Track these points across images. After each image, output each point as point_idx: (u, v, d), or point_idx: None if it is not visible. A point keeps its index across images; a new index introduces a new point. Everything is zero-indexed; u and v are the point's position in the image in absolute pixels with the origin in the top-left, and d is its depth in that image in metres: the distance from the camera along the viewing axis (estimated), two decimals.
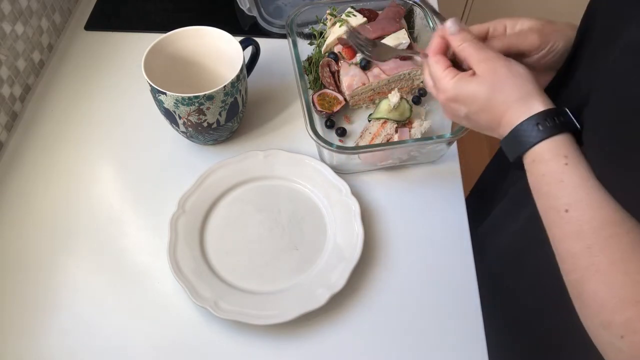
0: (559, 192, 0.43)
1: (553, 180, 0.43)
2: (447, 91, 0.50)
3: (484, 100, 0.48)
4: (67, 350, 0.57)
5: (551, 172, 0.43)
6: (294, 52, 0.73)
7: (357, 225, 0.63)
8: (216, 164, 0.68)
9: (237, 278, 0.61)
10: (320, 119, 0.74)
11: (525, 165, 0.46)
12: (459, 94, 0.49)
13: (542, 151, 0.44)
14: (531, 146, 0.45)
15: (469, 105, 0.49)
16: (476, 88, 0.48)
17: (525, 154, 0.45)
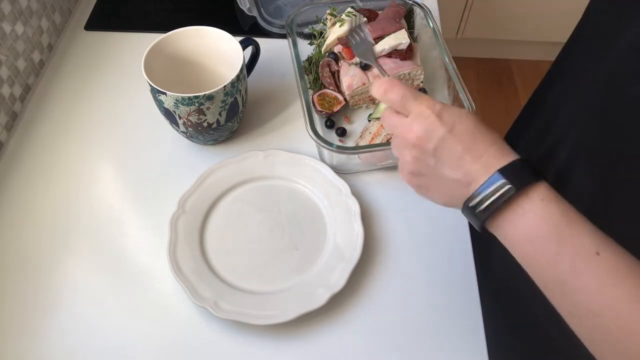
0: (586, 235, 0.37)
1: None
2: (435, 105, 0.43)
3: (473, 123, 0.42)
4: (67, 350, 0.57)
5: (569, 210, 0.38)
6: (294, 52, 0.73)
7: (357, 225, 0.63)
8: (216, 164, 0.68)
9: (237, 278, 0.61)
10: (320, 119, 0.74)
11: None
12: (447, 110, 0.43)
13: (545, 188, 0.39)
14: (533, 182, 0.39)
15: (454, 122, 0.42)
16: (465, 111, 0.43)
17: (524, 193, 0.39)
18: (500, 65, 2.14)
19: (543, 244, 0.37)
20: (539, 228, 0.38)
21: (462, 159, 0.41)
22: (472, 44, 2.07)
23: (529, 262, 0.39)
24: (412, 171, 0.45)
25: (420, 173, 0.45)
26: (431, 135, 0.42)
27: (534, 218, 0.38)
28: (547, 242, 0.37)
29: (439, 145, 0.42)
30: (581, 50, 0.58)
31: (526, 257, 0.39)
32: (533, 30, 1.90)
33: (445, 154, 0.42)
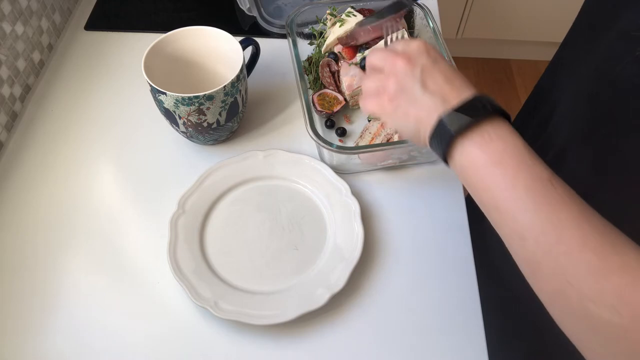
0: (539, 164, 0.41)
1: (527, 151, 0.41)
2: (422, 42, 0.48)
3: (452, 66, 0.47)
4: (67, 350, 0.57)
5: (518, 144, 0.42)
6: (294, 52, 0.73)
7: (357, 226, 0.63)
8: (216, 164, 0.68)
9: (237, 278, 0.61)
10: (320, 119, 0.74)
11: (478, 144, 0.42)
12: (432, 48, 0.48)
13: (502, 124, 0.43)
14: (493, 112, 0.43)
15: (437, 58, 0.47)
16: None
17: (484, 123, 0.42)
18: (500, 65, 2.14)
19: (506, 167, 0.40)
20: (505, 152, 0.40)
21: (442, 87, 0.45)
22: (472, 44, 2.07)
23: (487, 185, 0.41)
24: (393, 94, 0.48)
25: (398, 97, 0.47)
26: (418, 61, 0.47)
27: (501, 144, 0.41)
28: (510, 166, 0.40)
29: (424, 70, 0.46)
30: (577, 41, 0.59)
31: (486, 180, 0.41)
32: (533, 30, 1.90)
33: (429, 79, 0.46)
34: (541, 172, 0.40)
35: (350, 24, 0.75)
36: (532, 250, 0.38)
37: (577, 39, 0.60)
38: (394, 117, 0.48)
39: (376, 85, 0.50)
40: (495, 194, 0.41)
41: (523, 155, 0.41)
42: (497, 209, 0.41)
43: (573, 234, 0.37)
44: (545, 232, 0.37)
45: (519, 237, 0.39)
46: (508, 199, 0.40)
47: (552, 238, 0.37)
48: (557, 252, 0.37)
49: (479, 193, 0.42)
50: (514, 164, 0.40)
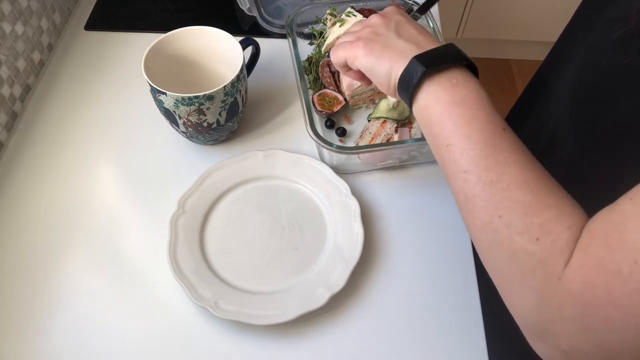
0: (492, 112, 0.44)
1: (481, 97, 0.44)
2: (400, 8, 0.53)
3: (425, 28, 0.51)
4: (67, 350, 0.57)
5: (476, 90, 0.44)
6: (294, 52, 0.73)
7: (357, 226, 0.63)
8: (216, 164, 0.68)
9: (237, 278, 0.61)
10: (320, 119, 0.74)
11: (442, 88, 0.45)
12: (403, 11, 0.53)
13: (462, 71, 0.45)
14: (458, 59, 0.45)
15: (409, 18, 0.51)
16: None
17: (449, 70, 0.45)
18: (500, 65, 2.14)
19: (465, 108, 0.43)
20: (468, 96, 0.43)
21: (417, 37, 0.49)
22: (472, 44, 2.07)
23: (443, 122, 0.43)
24: (367, 38, 0.50)
25: (373, 41, 0.50)
26: (392, 17, 0.51)
27: (466, 89, 0.44)
28: (469, 108, 0.43)
29: (398, 23, 0.50)
30: (573, 32, 0.61)
31: (443, 117, 0.43)
32: (533, 30, 1.90)
33: (404, 30, 0.50)
34: (497, 119, 0.42)
35: (351, 24, 0.75)
36: (473, 184, 0.40)
37: (572, 30, 0.62)
38: (366, 60, 0.50)
39: (350, 38, 0.52)
40: (449, 131, 0.43)
41: (484, 102, 0.43)
42: (448, 145, 0.43)
43: (514, 173, 0.39)
44: (489, 169, 0.40)
45: (464, 171, 0.41)
46: (461, 135, 0.42)
47: (494, 175, 0.39)
48: (496, 188, 0.39)
49: (435, 131, 0.44)
50: (474, 107, 0.43)
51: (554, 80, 0.63)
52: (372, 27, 0.51)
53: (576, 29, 0.60)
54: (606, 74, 0.48)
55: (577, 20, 0.62)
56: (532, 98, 0.72)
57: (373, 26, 0.51)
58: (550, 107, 0.62)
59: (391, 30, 0.50)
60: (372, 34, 0.50)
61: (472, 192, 0.40)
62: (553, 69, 0.65)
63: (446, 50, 0.46)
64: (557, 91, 0.61)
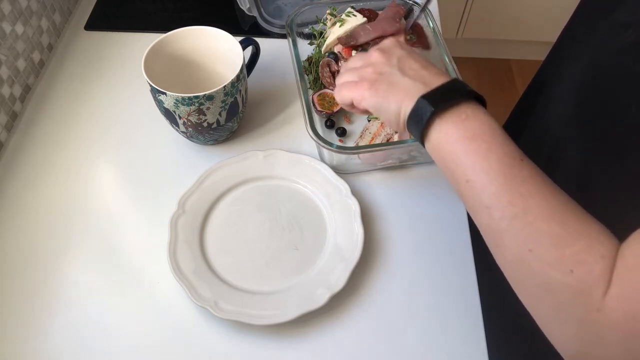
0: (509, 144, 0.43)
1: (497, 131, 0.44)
2: (389, 38, 0.53)
3: (421, 55, 0.51)
4: (67, 349, 0.57)
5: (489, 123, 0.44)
6: (294, 52, 0.73)
7: (357, 226, 0.63)
8: (216, 164, 0.68)
9: (237, 278, 0.61)
10: (320, 119, 0.74)
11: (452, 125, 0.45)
12: (404, 42, 0.53)
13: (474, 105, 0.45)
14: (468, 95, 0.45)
15: (410, 50, 0.51)
16: None
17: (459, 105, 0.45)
18: (500, 65, 2.14)
19: (479, 142, 0.42)
20: (481, 129, 0.43)
21: (420, 72, 0.48)
22: (472, 44, 2.07)
23: (460, 158, 0.43)
24: (373, 79, 0.50)
25: (378, 82, 0.49)
26: (393, 52, 0.51)
27: (477, 122, 0.43)
28: (483, 141, 0.42)
29: (400, 59, 0.50)
30: (574, 34, 0.60)
31: (459, 153, 0.43)
32: (533, 30, 1.90)
33: (407, 67, 0.49)
34: (512, 149, 0.42)
35: (351, 24, 0.75)
36: (498, 220, 0.40)
37: (574, 32, 0.61)
38: (373, 100, 0.49)
39: (353, 77, 0.52)
40: (467, 167, 0.42)
41: (497, 133, 0.43)
42: (467, 182, 0.42)
43: (539, 204, 0.38)
44: (512, 203, 0.39)
45: (487, 207, 0.41)
46: (479, 170, 0.41)
47: (518, 208, 0.39)
48: (522, 222, 0.38)
49: (451, 167, 0.44)
50: (488, 140, 0.42)
51: (553, 84, 0.63)
52: (375, 65, 0.50)
53: (577, 32, 0.60)
54: (615, 79, 0.47)
55: (576, 22, 0.61)
56: (530, 103, 0.72)
57: (375, 65, 0.50)
58: (550, 113, 0.62)
59: (394, 67, 0.49)
60: (376, 73, 0.50)
61: (498, 228, 0.40)
62: (552, 72, 0.65)
63: (452, 86, 0.45)
64: (558, 95, 0.60)
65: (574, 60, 0.58)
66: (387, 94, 0.48)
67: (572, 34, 0.62)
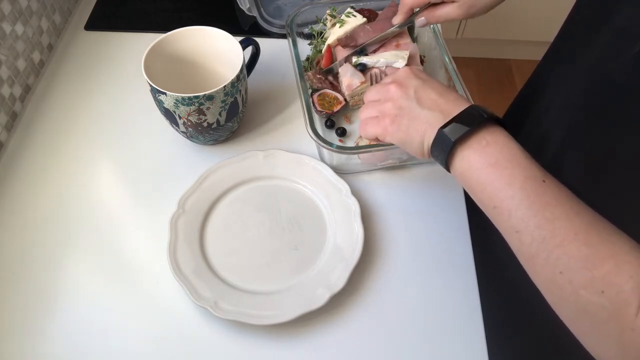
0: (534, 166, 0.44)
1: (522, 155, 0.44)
2: (404, 68, 0.55)
3: (439, 83, 0.52)
4: (66, 350, 0.57)
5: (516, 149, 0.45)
6: (293, 52, 0.73)
7: (357, 225, 0.63)
8: (216, 164, 0.68)
9: (237, 278, 0.61)
10: (320, 119, 0.74)
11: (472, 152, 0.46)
12: (418, 70, 0.54)
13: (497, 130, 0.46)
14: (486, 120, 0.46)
15: (426, 78, 0.52)
16: None
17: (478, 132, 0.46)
18: (500, 65, 2.14)
19: (501, 168, 0.43)
20: (501, 154, 0.44)
21: (438, 102, 0.49)
22: (472, 44, 2.07)
23: (484, 186, 0.44)
24: (393, 115, 0.52)
25: (399, 117, 0.51)
26: (409, 84, 0.52)
27: (497, 148, 0.44)
28: (505, 167, 0.43)
29: (417, 91, 0.51)
30: (572, 36, 0.60)
31: (483, 181, 0.44)
32: (533, 30, 1.90)
33: (424, 97, 0.50)
34: (534, 171, 0.43)
35: (350, 24, 0.74)
36: (528, 244, 0.41)
37: (572, 34, 0.61)
38: (397, 135, 0.51)
39: (374, 112, 0.54)
40: (492, 194, 0.43)
41: (518, 157, 0.44)
42: (495, 208, 0.43)
43: (565, 226, 0.39)
44: (540, 226, 0.40)
45: (516, 232, 0.42)
46: (504, 197, 0.42)
47: (546, 231, 0.40)
48: (551, 245, 0.39)
49: (478, 194, 0.45)
50: (509, 165, 0.43)
51: (555, 89, 0.62)
52: (394, 100, 0.52)
53: (577, 35, 0.59)
54: (621, 91, 0.47)
55: (575, 24, 0.61)
56: (529, 103, 0.71)
57: (394, 100, 0.52)
58: (553, 119, 0.61)
59: (412, 100, 0.51)
60: (396, 108, 0.52)
61: (529, 252, 0.41)
62: (552, 75, 0.64)
63: (469, 114, 0.46)
64: (562, 103, 0.59)
65: (572, 66, 0.57)
66: (408, 128, 0.50)
67: (569, 37, 0.61)
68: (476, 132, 0.45)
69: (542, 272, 0.40)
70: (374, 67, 0.73)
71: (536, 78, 0.72)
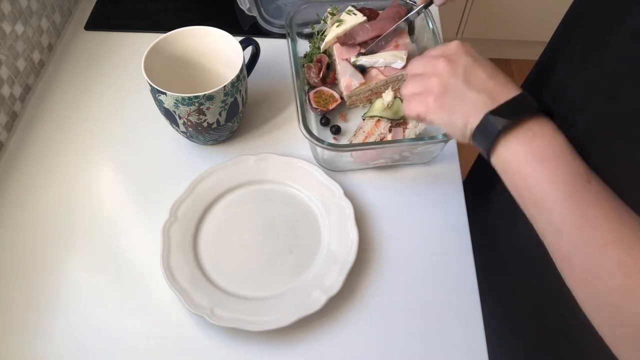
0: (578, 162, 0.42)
1: (568, 149, 0.43)
2: (455, 42, 0.51)
3: (488, 61, 0.49)
4: (66, 350, 0.57)
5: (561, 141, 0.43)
6: (291, 49, 0.73)
7: (351, 227, 0.63)
8: (207, 170, 0.68)
9: (232, 284, 0.60)
10: (315, 117, 0.74)
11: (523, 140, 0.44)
12: (470, 46, 0.51)
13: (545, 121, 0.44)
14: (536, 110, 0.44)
15: (477, 56, 0.49)
16: None
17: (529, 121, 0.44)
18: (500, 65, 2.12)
19: (546, 163, 0.42)
20: (547, 148, 0.42)
21: (487, 83, 0.46)
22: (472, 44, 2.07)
23: (527, 180, 0.43)
24: (438, 92, 0.49)
25: (444, 95, 0.48)
26: (459, 60, 0.49)
27: (544, 141, 0.42)
28: (550, 162, 0.42)
29: (466, 69, 0.48)
30: (582, 31, 0.56)
31: (526, 175, 0.43)
32: (533, 30, 1.90)
33: (473, 77, 0.47)
34: (579, 169, 0.41)
35: (350, 23, 0.74)
36: (567, 244, 0.40)
37: (582, 30, 0.57)
38: (439, 115, 0.49)
39: (418, 87, 0.51)
40: (534, 189, 0.42)
41: (564, 152, 0.42)
42: (535, 204, 0.42)
43: (606, 230, 0.38)
44: (580, 227, 0.39)
45: (555, 231, 0.40)
46: (546, 194, 0.41)
47: (586, 233, 0.39)
48: (592, 249, 0.38)
49: (519, 188, 0.44)
50: (554, 160, 0.41)
51: (565, 84, 0.60)
52: (441, 77, 0.49)
53: (582, 30, 0.57)
54: (626, 77, 0.45)
55: (581, 20, 0.58)
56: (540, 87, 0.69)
57: (441, 76, 0.49)
58: (567, 115, 0.59)
59: (459, 78, 0.48)
60: (441, 85, 0.49)
61: (567, 251, 0.40)
62: (559, 69, 0.62)
63: (519, 103, 0.44)
64: (578, 101, 0.57)
65: (584, 64, 0.55)
66: (452, 110, 0.48)
67: (577, 34, 0.59)
68: (524, 122, 0.43)
69: (579, 273, 0.39)
70: (372, 67, 0.73)
71: (539, 73, 0.69)
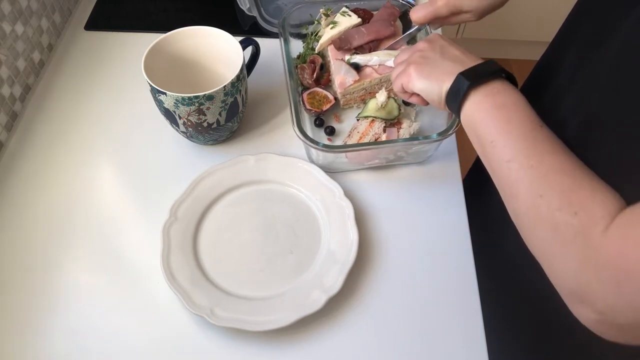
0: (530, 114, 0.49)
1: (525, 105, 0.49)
2: (434, 33, 0.61)
3: (464, 48, 0.58)
4: (65, 350, 0.57)
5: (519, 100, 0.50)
6: (284, 49, 0.72)
7: (351, 227, 0.63)
8: (206, 170, 0.68)
9: (232, 284, 0.60)
10: (310, 118, 0.74)
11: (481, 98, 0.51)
12: (444, 37, 0.60)
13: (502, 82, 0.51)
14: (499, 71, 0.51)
15: (451, 41, 0.58)
16: None
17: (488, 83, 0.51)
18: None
19: (505, 110, 0.49)
20: (508, 100, 0.49)
21: (460, 57, 0.56)
22: (472, 44, 2.07)
23: (487, 123, 0.49)
24: (417, 62, 0.57)
25: (422, 64, 0.57)
26: (436, 41, 0.58)
27: (506, 95, 0.50)
28: (509, 109, 0.49)
29: (442, 47, 0.57)
30: (590, 20, 0.57)
31: (487, 119, 0.49)
32: (533, 30, 1.90)
33: (448, 52, 0.56)
34: (534, 117, 0.48)
35: (344, 24, 0.74)
36: (516, 170, 0.45)
37: (589, 20, 0.57)
38: (420, 81, 0.56)
39: (402, 66, 0.59)
40: (492, 130, 0.48)
41: (522, 104, 0.49)
42: (492, 142, 0.48)
43: (552, 159, 0.44)
44: (529, 156, 0.45)
45: (507, 161, 0.46)
46: (503, 131, 0.48)
47: (535, 161, 0.44)
48: (537, 173, 0.44)
49: (479, 131, 0.50)
50: (512, 108, 0.49)
51: (571, 75, 0.59)
52: (420, 51, 0.58)
53: (589, 19, 0.57)
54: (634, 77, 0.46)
55: (587, 10, 0.58)
56: (540, 87, 0.69)
57: (422, 50, 0.58)
58: (572, 104, 0.59)
59: (436, 52, 0.57)
60: (421, 57, 0.57)
61: (515, 177, 0.45)
62: (566, 59, 0.62)
63: (487, 66, 0.52)
64: (585, 91, 0.57)
65: (591, 54, 0.55)
66: (429, 75, 0.55)
67: (584, 23, 0.59)
68: (490, 82, 0.50)
69: (524, 198, 0.44)
70: (366, 65, 0.73)
71: (545, 64, 0.69)
